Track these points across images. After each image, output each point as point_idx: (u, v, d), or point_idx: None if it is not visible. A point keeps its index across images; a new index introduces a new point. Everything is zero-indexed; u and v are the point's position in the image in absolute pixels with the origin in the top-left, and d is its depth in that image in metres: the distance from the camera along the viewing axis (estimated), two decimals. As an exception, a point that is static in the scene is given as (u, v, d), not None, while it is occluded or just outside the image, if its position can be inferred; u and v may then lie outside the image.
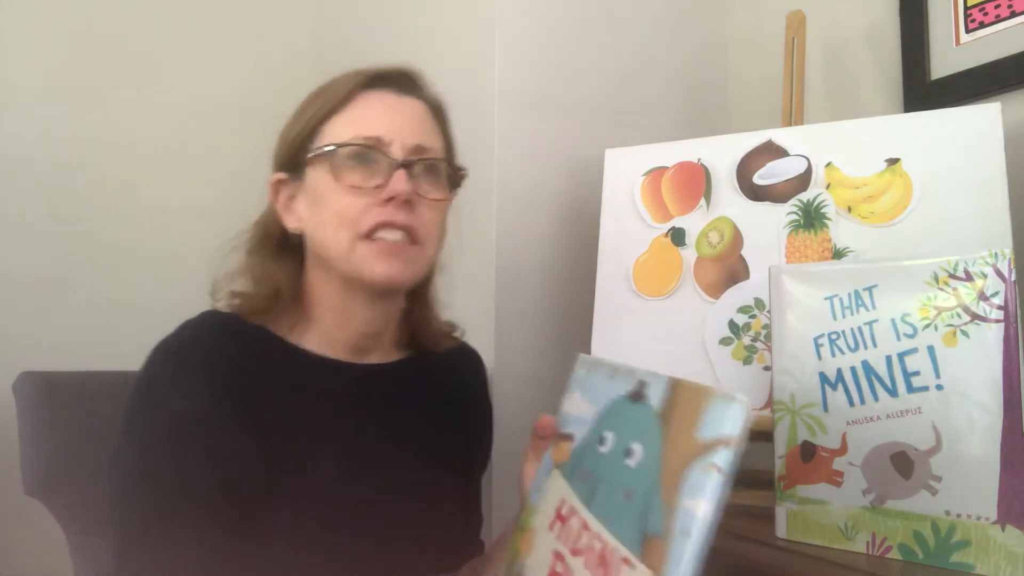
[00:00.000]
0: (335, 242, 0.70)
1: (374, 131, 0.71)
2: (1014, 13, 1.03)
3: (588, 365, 0.64)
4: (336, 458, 0.71)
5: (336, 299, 0.74)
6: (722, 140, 1.07)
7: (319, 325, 0.75)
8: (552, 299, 1.24)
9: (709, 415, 0.47)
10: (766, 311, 0.95)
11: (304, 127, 0.73)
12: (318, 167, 0.72)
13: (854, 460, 0.71)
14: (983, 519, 0.64)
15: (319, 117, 0.73)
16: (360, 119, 0.72)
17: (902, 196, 0.93)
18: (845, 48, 1.26)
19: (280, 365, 0.71)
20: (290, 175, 0.74)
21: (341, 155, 0.70)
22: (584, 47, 1.30)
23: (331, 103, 0.73)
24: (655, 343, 1.02)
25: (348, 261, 0.70)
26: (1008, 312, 0.65)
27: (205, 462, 0.63)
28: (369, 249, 0.70)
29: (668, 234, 1.07)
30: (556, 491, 0.58)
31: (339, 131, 0.72)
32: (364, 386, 0.77)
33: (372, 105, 0.74)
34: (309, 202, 0.73)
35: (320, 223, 0.72)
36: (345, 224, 0.70)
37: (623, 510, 0.50)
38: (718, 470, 0.45)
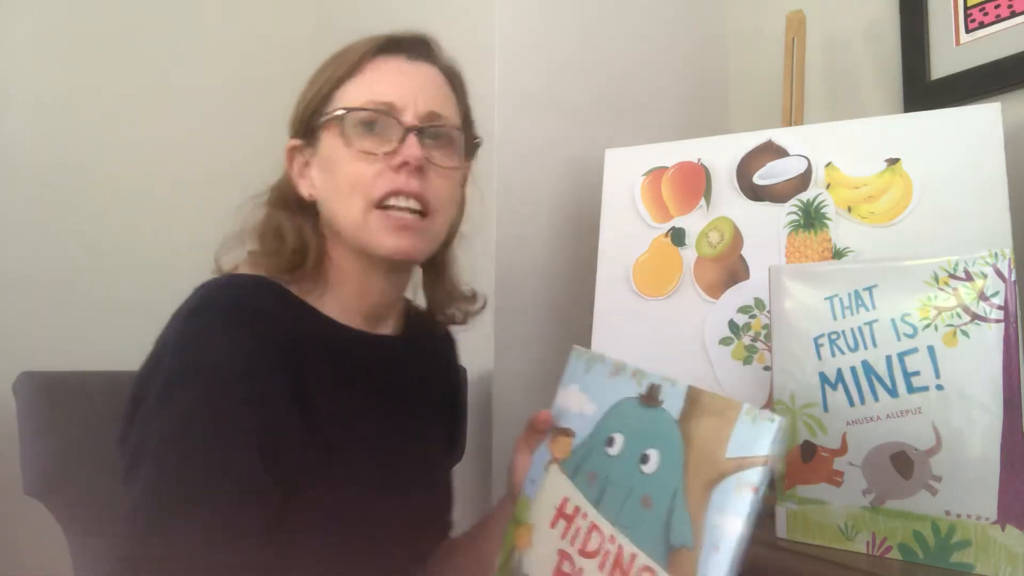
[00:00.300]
0: (347, 211, 0.69)
1: (387, 96, 0.70)
2: (1014, 13, 1.03)
3: (586, 358, 0.63)
4: (371, 431, 0.71)
5: (353, 268, 0.73)
6: (722, 140, 1.07)
7: (337, 293, 0.73)
8: (552, 299, 1.24)
9: (739, 431, 0.47)
10: (766, 311, 0.95)
11: (318, 92, 0.72)
12: (330, 132, 0.71)
13: (854, 460, 0.71)
14: (983, 519, 0.64)
15: (332, 82, 0.72)
16: (373, 84, 0.71)
17: (902, 196, 0.93)
18: (845, 48, 1.26)
19: (318, 332, 0.69)
20: (304, 141, 0.73)
21: (352, 120, 0.69)
22: (584, 47, 1.30)
23: (344, 68, 0.72)
24: (655, 343, 1.02)
25: (359, 231, 0.69)
26: (1008, 312, 0.65)
27: (260, 437, 0.59)
28: (381, 221, 0.69)
29: (668, 234, 1.07)
30: (557, 487, 0.58)
31: (352, 96, 0.71)
32: (386, 358, 0.76)
33: (386, 71, 0.73)
34: (322, 169, 0.72)
35: (333, 190, 0.71)
36: (358, 191, 0.69)
37: (642, 517, 0.50)
38: (754, 489, 0.45)
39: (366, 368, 0.73)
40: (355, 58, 0.72)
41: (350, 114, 0.69)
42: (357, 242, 0.70)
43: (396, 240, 0.69)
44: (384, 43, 0.74)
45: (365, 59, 0.73)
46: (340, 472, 0.66)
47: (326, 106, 0.72)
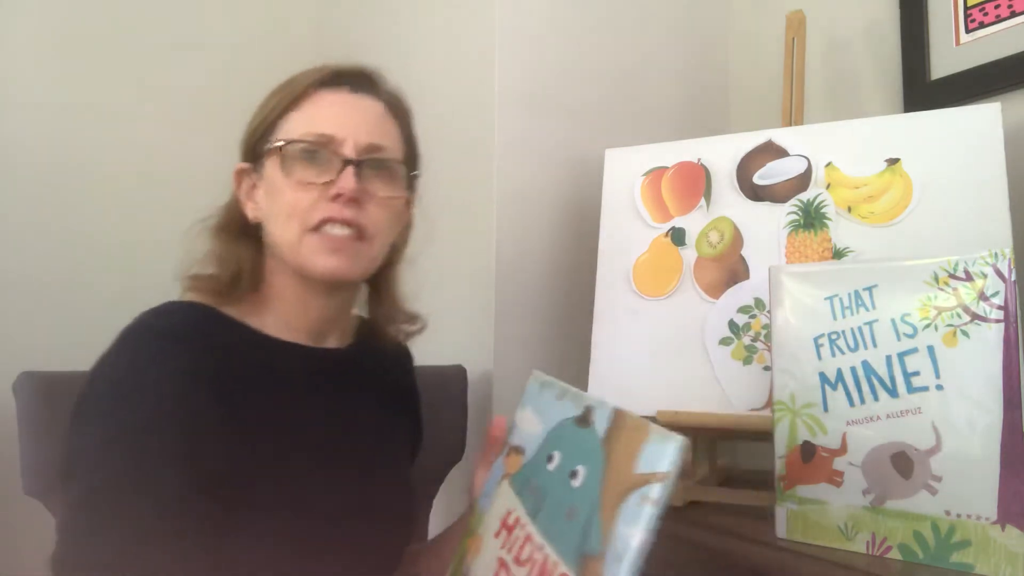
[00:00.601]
0: (284, 233, 0.73)
1: (327, 129, 0.73)
2: (1014, 13, 1.03)
3: (540, 382, 0.67)
4: (314, 443, 0.72)
5: (292, 288, 0.76)
6: (722, 140, 1.07)
7: (278, 311, 0.77)
8: (552, 299, 1.24)
9: (647, 451, 0.51)
10: (766, 311, 0.95)
11: (264, 120, 0.76)
12: (273, 160, 0.74)
13: (854, 460, 0.71)
14: (983, 519, 0.64)
15: (278, 111, 0.75)
16: (314, 117, 0.74)
17: (902, 196, 0.93)
18: (845, 48, 1.27)
19: (251, 350, 0.72)
20: (251, 165, 0.77)
21: (291, 150, 0.73)
22: (584, 47, 1.30)
23: (288, 99, 0.75)
24: (655, 343, 1.02)
25: (295, 253, 0.73)
26: (1008, 312, 0.65)
27: (184, 453, 0.62)
28: (315, 242, 0.72)
29: (668, 234, 1.06)
30: (504, 501, 0.62)
31: (294, 127, 0.74)
32: (330, 369, 0.79)
33: (327, 103, 0.75)
34: (266, 193, 0.75)
35: (273, 214, 0.74)
36: (295, 217, 0.72)
37: (565, 528, 0.54)
38: (652, 503, 0.49)
39: (309, 380, 0.76)
40: (299, 89, 0.75)
41: (289, 145, 0.73)
42: (294, 263, 0.74)
43: (329, 261, 0.72)
44: (328, 76, 0.76)
45: (309, 91, 0.75)
46: (284, 479, 0.68)
47: (271, 134, 0.75)
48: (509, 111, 1.20)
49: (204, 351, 0.68)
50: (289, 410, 0.72)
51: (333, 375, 0.78)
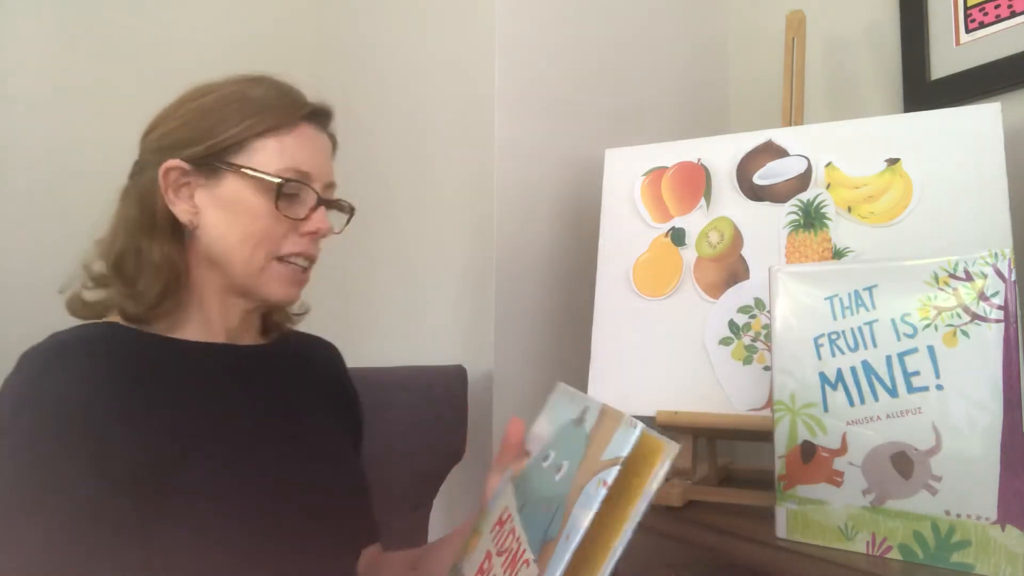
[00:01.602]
0: (248, 259, 0.74)
1: (306, 167, 0.75)
2: (1014, 13, 1.03)
3: (559, 392, 0.68)
4: (233, 436, 0.71)
5: (219, 297, 0.77)
6: (722, 140, 1.07)
7: (198, 318, 0.76)
8: (552, 299, 1.24)
9: (615, 439, 0.53)
10: (766, 311, 0.95)
11: (231, 136, 0.73)
12: (245, 183, 0.73)
13: (854, 460, 0.71)
14: (983, 519, 0.64)
15: (252, 132, 0.74)
16: (296, 151, 0.75)
17: (902, 196, 0.93)
18: (845, 48, 1.27)
19: (159, 354, 0.72)
20: (194, 168, 0.74)
21: (284, 188, 0.73)
22: (584, 47, 1.30)
23: (267, 124, 0.74)
24: (655, 343, 1.02)
25: (253, 277, 0.74)
26: (1008, 312, 0.65)
27: (84, 459, 0.62)
28: (278, 272, 0.75)
29: (668, 234, 1.07)
30: (504, 499, 0.64)
31: (271, 156, 0.74)
32: (251, 364, 0.79)
33: (307, 139, 0.77)
34: (218, 206, 0.74)
35: (234, 235, 0.73)
36: (263, 245, 0.74)
37: (541, 518, 0.56)
38: (605, 485, 0.51)
39: (226, 375, 0.75)
40: (280, 118, 0.75)
41: (287, 184, 0.73)
42: (247, 284, 0.75)
43: (288, 290, 0.77)
44: (309, 112, 0.77)
45: (291, 123, 0.75)
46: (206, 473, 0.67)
47: (239, 153, 0.73)
48: (509, 111, 1.20)
49: (105, 357, 0.68)
50: (206, 405, 0.71)
51: (252, 369, 0.78)
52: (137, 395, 0.67)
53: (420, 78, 1.41)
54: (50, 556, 0.59)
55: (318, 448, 0.78)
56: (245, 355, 0.79)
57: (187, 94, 0.78)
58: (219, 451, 0.69)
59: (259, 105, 0.75)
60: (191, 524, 0.64)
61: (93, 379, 0.66)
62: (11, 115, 1.42)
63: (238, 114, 0.74)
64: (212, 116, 0.74)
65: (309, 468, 0.75)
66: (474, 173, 1.24)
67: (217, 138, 0.73)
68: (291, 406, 0.79)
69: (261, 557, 0.67)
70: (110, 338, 0.71)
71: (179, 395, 0.70)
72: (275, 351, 0.83)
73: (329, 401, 0.87)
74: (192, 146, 0.74)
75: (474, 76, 1.25)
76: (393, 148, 1.47)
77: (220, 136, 0.73)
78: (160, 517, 0.63)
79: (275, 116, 0.75)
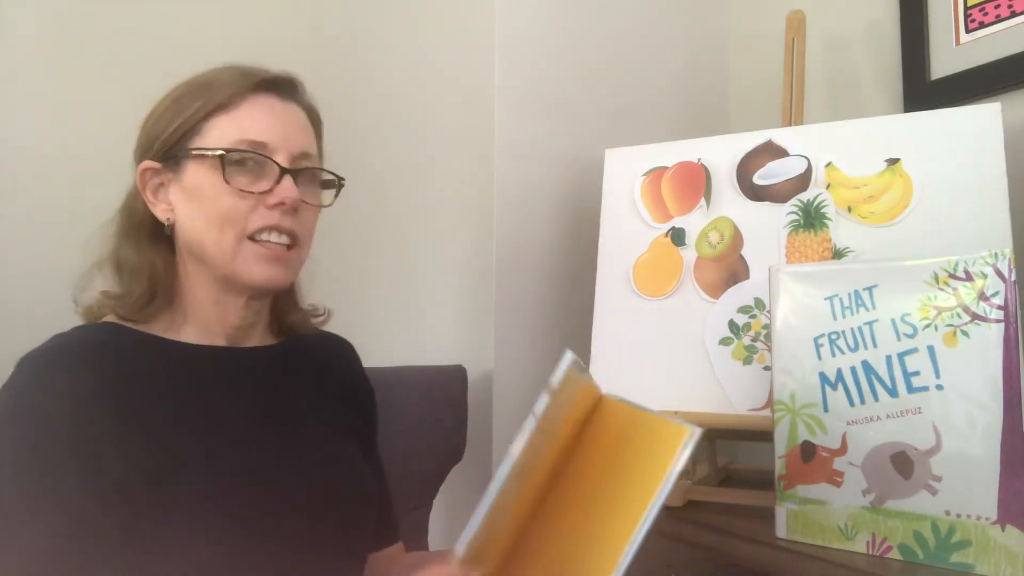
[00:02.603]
0: (218, 242, 0.72)
1: (260, 136, 0.72)
2: (1014, 13, 1.03)
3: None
4: (225, 445, 0.70)
5: (211, 294, 0.75)
6: (722, 140, 1.07)
7: (196, 318, 0.75)
8: (552, 299, 1.24)
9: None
10: (766, 311, 0.95)
11: (184, 121, 0.73)
12: (201, 165, 0.72)
13: (854, 460, 0.71)
14: (983, 519, 0.64)
15: (202, 113, 0.73)
16: (247, 123, 0.73)
17: (902, 196, 0.93)
18: (845, 48, 1.27)
19: (160, 359, 0.71)
20: (163, 165, 0.73)
21: (230, 159, 0.71)
22: (584, 47, 1.30)
23: (216, 101, 0.73)
24: (655, 343, 1.02)
25: (229, 261, 0.72)
26: (1008, 312, 0.65)
27: (74, 472, 0.62)
28: (252, 252, 0.72)
29: (668, 234, 1.07)
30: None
31: (224, 132, 0.72)
32: (251, 368, 0.77)
33: (259, 110, 0.74)
34: (186, 197, 0.73)
35: (202, 221, 0.72)
36: (231, 224, 0.71)
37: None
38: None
39: (228, 380, 0.74)
40: (228, 92, 0.73)
41: (229, 154, 0.71)
42: (226, 270, 0.73)
43: (268, 270, 0.72)
44: (259, 82, 0.75)
45: (239, 95, 0.74)
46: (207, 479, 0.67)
47: (193, 137, 0.73)
48: (509, 111, 1.20)
49: (102, 363, 0.67)
50: (199, 413, 0.70)
51: (256, 373, 0.77)
52: (130, 403, 0.66)
53: (420, 78, 1.41)
54: (47, 562, 0.59)
55: (317, 454, 0.77)
56: (245, 357, 0.78)
57: (160, 98, 0.77)
58: (209, 461, 0.68)
59: (209, 85, 0.74)
60: (180, 535, 0.64)
61: (86, 387, 0.65)
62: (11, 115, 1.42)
63: (189, 98, 0.73)
64: (170, 108, 0.74)
65: (306, 476, 0.74)
66: (474, 173, 1.24)
67: (173, 126, 0.73)
68: (292, 410, 0.78)
69: (254, 567, 0.67)
70: (107, 342, 0.70)
71: (172, 402, 0.69)
72: (281, 352, 0.82)
73: (339, 401, 0.85)
74: (157, 143, 0.73)
75: (474, 76, 1.25)
76: (393, 148, 1.47)
77: (175, 124, 0.73)
78: (152, 527, 0.63)
79: (224, 91, 0.73)
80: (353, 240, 1.55)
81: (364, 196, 1.56)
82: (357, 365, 0.92)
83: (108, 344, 0.70)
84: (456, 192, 1.29)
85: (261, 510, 0.68)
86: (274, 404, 0.77)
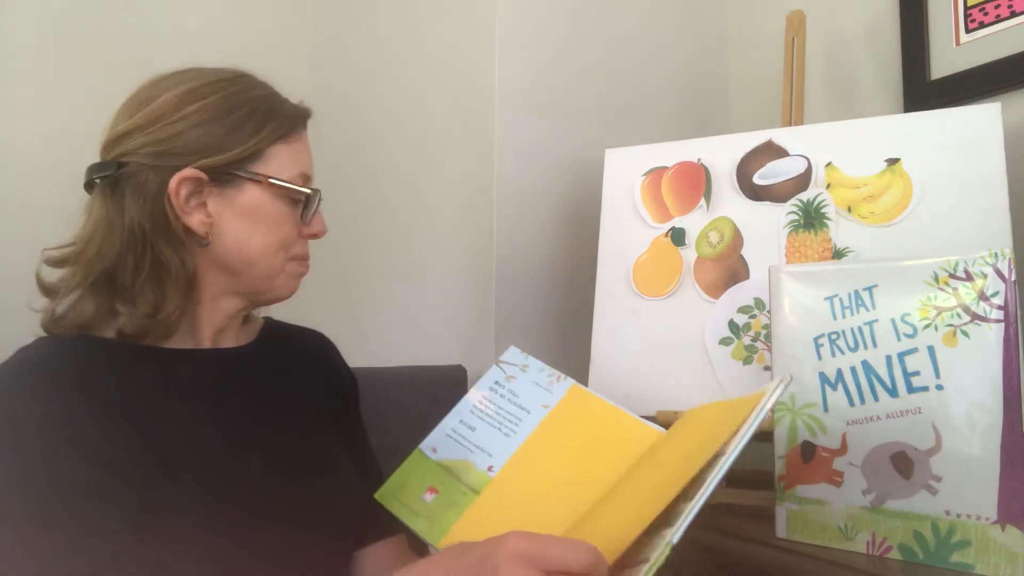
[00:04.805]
0: (271, 263, 0.75)
1: (309, 171, 0.78)
2: (1014, 13, 1.03)
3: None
4: (210, 448, 0.70)
5: (214, 299, 0.76)
6: (722, 140, 1.07)
7: (185, 323, 0.74)
8: (552, 299, 1.24)
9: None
10: (766, 311, 0.95)
11: (252, 146, 0.72)
12: (265, 190, 0.73)
13: (854, 460, 0.71)
14: (983, 519, 0.64)
15: (269, 141, 0.73)
16: (303, 157, 0.77)
17: (902, 196, 0.93)
18: (845, 48, 1.27)
19: (142, 364, 0.71)
20: (209, 177, 0.71)
21: (304, 195, 0.76)
22: (584, 47, 1.30)
23: (282, 131, 0.75)
24: (655, 343, 1.02)
25: (272, 279, 0.76)
26: (1008, 312, 0.65)
27: (81, 457, 0.61)
28: (293, 271, 0.78)
29: (668, 234, 1.07)
30: None
31: (283, 162, 0.75)
32: (228, 368, 0.77)
33: (306, 145, 0.79)
34: (236, 214, 0.73)
35: (258, 241, 0.74)
36: (285, 249, 0.76)
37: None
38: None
39: (207, 381, 0.74)
40: (291, 124, 0.76)
41: (312, 192, 0.76)
42: (264, 287, 0.76)
43: (294, 286, 0.80)
44: (308, 116, 0.80)
45: (297, 128, 0.77)
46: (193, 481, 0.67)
47: (256, 161, 0.73)
48: (509, 111, 1.20)
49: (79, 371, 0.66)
50: (191, 414, 0.70)
51: (233, 373, 0.77)
52: (123, 409, 0.66)
53: (420, 78, 1.41)
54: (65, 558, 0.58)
55: (300, 452, 0.77)
56: (226, 358, 0.78)
57: (174, 97, 0.72)
58: (199, 464, 0.68)
59: (270, 111, 0.74)
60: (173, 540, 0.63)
61: (77, 391, 0.64)
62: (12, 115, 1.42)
63: (252, 121, 0.72)
64: (221, 122, 0.71)
65: (291, 475, 0.74)
66: (474, 173, 1.24)
67: (236, 148, 0.71)
68: (273, 408, 0.78)
69: (244, 569, 0.66)
70: (77, 354, 0.69)
71: (167, 406, 0.69)
72: (259, 351, 0.82)
73: (321, 394, 0.85)
74: (205, 154, 0.70)
75: (474, 76, 1.25)
76: (393, 148, 1.48)
77: (239, 146, 0.71)
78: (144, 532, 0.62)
79: (286, 123, 0.75)
80: (353, 240, 1.55)
81: (364, 196, 1.56)
82: (336, 356, 0.92)
83: (85, 354, 0.69)
84: (456, 192, 1.29)
85: (242, 518, 0.68)
86: (256, 404, 0.77)
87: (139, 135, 0.71)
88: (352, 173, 1.56)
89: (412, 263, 1.39)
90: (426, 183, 1.37)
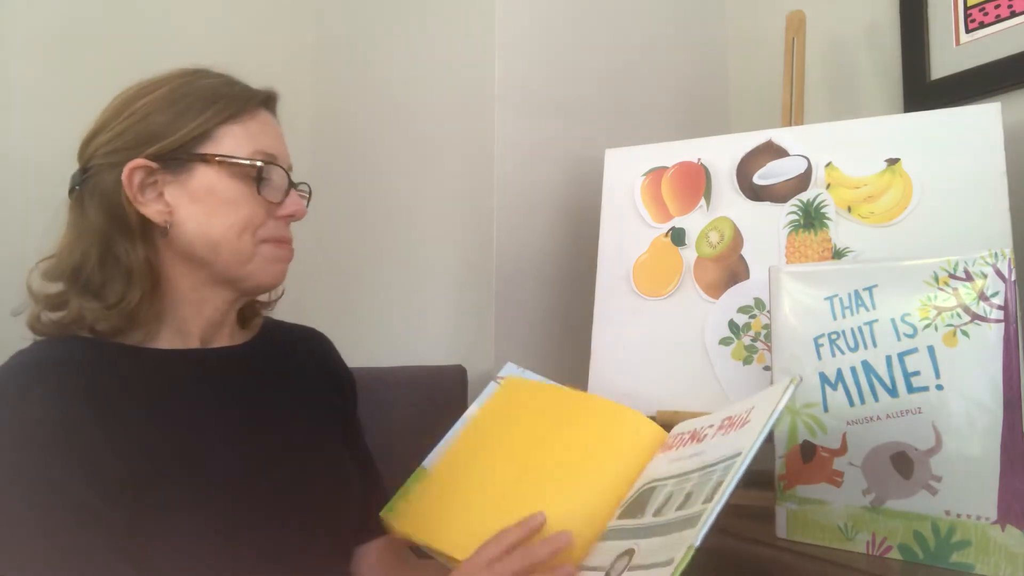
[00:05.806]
0: (237, 248, 0.73)
1: (271, 149, 0.76)
2: (1014, 13, 1.03)
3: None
4: (206, 450, 0.70)
5: (195, 292, 0.75)
6: (722, 140, 1.07)
7: (172, 321, 0.75)
8: (552, 299, 1.24)
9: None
10: (766, 311, 0.95)
11: (196, 127, 0.72)
12: (218, 170, 0.73)
13: (854, 460, 0.71)
14: (983, 519, 0.64)
15: (215, 121, 0.73)
16: (259, 136, 0.75)
17: (902, 196, 0.93)
18: (845, 48, 1.27)
19: (134, 366, 0.70)
20: (160, 165, 0.72)
21: (256, 168, 0.74)
22: (584, 47, 1.30)
23: (231, 111, 0.74)
24: (655, 343, 1.02)
25: (244, 265, 0.74)
26: (1008, 312, 0.65)
27: (75, 467, 0.61)
28: (268, 254, 0.76)
29: (668, 234, 1.07)
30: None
31: (238, 142, 0.74)
32: (222, 368, 0.77)
33: (266, 124, 0.77)
34: (192, 199, 0.72)
35: (218, 225, 0.73)
36: (249, 230, 0.74)
37: None
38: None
39: (200, 382, 0.74)
40: (241, 104, 0.75)
41: (264, 164, 0.74)
42: (238, 273, 0.74)
43: (278, 271, 0.77)
44: (265, 97, 0.79)
45: (251, 107, 0.76)
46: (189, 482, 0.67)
47: (205, 143, 0.73)
48: (509, 111, 1.20)
49: (78, 375, 0.66)
50: (188, 416, 0.70)
51: (227, 373, 0.77)
52: (112, 411, 0.65)
53: (420, 78, 1.41)
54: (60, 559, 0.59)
55: (297, 453, 0.77)
56: (219, 358, 0.77)
57: (127, 95, 0.75)
58: (193, 466, 0.67)
59: (216, 94, 0.74)
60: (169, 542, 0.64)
61: (71, 396, 0.64)
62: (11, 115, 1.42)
63: (197, 105, 0.73)
64: (168, 111, 0.73)
65: (288, 475, 0.74)
66: (474, 173, 1.24)
67: (181, 131, 0.72)
68: (270, 406, 0.78)
69: (243, 569, 0.66)
70: (79, 355, 0.69)
71: (152, 409, 0.68)
72: (253, 350, 0.82)
73: (316, 393, 0.85)
74: (153, 142, 0.72)
75: (474, 76, 1.25)
76: (393, 148, 1.47)
77: (184, 128, 0.72)
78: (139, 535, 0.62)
79: (235, 103, 0.75)
80: (353, 240, 1.55)
81: (364, 196, 1.56)
82: (334, 354, 0.92)
83: (81, 357, 0.69)
84: (456, 192, 1.29)
85: (240, 519, 0.68)
86: (251, 405, 0.77)
87: (97, 138, 0.74)
88: (352, 172, 1.56)
89: (412, 263, 1.39)
90: (426, 183, 1.37)
